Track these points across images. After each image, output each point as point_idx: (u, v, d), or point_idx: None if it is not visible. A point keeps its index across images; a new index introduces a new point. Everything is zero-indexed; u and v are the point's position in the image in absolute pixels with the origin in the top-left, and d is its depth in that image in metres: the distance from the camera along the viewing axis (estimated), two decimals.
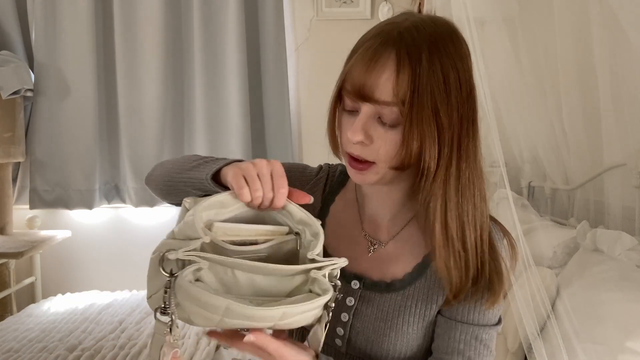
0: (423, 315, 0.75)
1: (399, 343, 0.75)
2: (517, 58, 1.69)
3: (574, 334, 1.04)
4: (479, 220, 0.70)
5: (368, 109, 0.66)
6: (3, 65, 2.18)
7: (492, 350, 0.75)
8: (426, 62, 0.63)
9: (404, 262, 0.78)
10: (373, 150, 0.68)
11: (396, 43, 0.64)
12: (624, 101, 1.38)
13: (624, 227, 1.38)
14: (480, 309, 0.74)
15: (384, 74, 0.64)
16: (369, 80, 0.64)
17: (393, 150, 0.66)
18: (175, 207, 0.69)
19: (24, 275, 2.45)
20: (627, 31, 1.11)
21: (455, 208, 0.68)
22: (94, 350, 1.61)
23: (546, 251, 1.40)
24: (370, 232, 0.82)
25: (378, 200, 0.80)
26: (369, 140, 0.67)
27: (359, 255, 0.80)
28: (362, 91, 0.65)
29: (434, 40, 0.64)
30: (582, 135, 1.60)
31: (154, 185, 0.84)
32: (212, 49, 2.41)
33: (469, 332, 0.73)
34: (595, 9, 1.38)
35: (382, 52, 0.64)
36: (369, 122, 0.67)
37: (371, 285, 0.78)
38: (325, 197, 0.86)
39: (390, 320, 0.75)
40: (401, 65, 0.63)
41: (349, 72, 0.67)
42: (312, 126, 2.56)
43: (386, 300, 0.76)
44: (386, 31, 0.66)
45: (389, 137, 0.66)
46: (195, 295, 0.56)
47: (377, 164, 0.69)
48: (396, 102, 0.64)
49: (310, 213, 0.72)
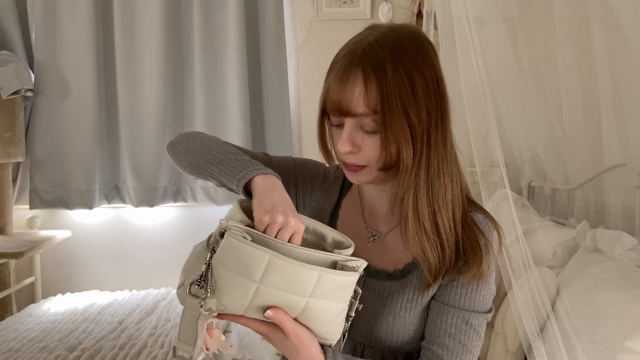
0: (419, 301, 0.81)
1: (396, 327, 0.81)
2: (517, 58, 1.69)
3: (574, 334, 1.04)
4: (452, 204, 0.77)
5: (349, 122, 0.74)
6: (3, 65, 2.17)
7: (481, 335, 0.80)
8: (391, 71, 0.70)
9: (402, 255, 0.84)
10: (362, 156, 0.75)
11: (361, 60, 0.71)
12: (624, 101, 1.38)
13: (624, 227, 1.38)
14: (471, 295, 0.79)
15: (355, 90, 0.71)
16: (344, 97, 0.72)
17: (377, 153, 0.74)
18: (175, 208, 0.69)
19: (24, 275, 2.45)
20: (627, 31, 1.11)
21: (425, 197, 0.75)
22: (94, 350, 1.61)
23: (546, 251, 1.40)
24: (370, 224, 0.88)
25: (375, 196, 0.87)
26: (357, 148, 0.75)
27: (359, 245, 0.85)
28: (340, 108, 0.73)
29: (395, 50, 0.71)
30: (582, 135, 1.60)
31: (176, 159, 0.88)
32: (212, 49, 2.41)
33: (459, 317, 0.78)
34: (595, 9, 1.38)
35: (350, 70, 0.72)
36: (354, 133, 0.74)
37: (374, 273, 0.84)
38: (340, 194, 0.95)
39: (389, 306, 0.81)
40: (368, 79, 0.70)
41: (326, 92, 0.76)
42: (312, 126, 2.52)
43: (386, 287, 0.83)
44: (352, 50, 0.74)
45: (372, 143, 0.74)
46: (239, 248, 0.61)
47: (368, 167, 0.76)
48: (369, 113, 0.71)
49: (328, 209, 0.89)
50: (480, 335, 0.80)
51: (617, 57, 1.38)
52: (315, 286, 0.63)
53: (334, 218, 0.92)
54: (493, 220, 0.82)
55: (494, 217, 0.83)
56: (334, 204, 0.93)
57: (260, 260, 0.61)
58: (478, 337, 0.79)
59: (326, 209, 0.93)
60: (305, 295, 0.64)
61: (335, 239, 0.75)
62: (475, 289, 0.79)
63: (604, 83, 1.42)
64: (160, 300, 2.10)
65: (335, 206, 0.93)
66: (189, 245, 0.74)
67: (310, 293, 0.64)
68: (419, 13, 2.33)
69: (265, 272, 0.61)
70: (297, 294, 0.63)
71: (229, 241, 0.62)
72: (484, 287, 0.79)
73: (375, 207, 0.88)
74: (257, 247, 0.61)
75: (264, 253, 0.61)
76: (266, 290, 0.62)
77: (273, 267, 0.61)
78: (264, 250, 0.61)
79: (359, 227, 0.89)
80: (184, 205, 2.56)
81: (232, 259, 0.62)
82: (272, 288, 0.62)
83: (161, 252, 2.52)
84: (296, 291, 0.63)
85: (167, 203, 2.52)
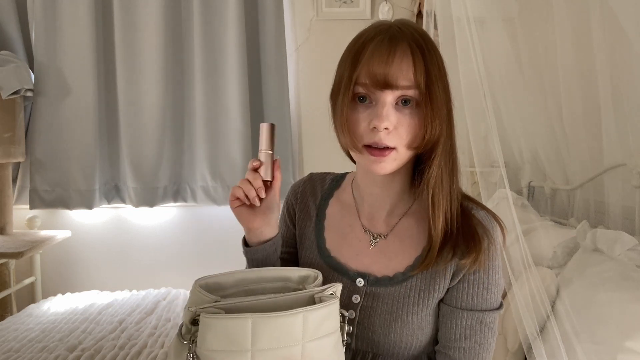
0: (425, 304, 0.79)
1: (404, 333, 0.79)
2: (517, 58, 1.69)
3: (574, 334, 1.04)
4: (457, 189, 0.79)
5: (390, 96, 0.73)
6: (3, 65, 2.17)
7: (495, 331, 0.81)
8: (428, 51, 0.73)
9: (405, 255, 0.82)
10: (396, 136, 0.74)
11: (405, 36, 0.73)
12: (624, 101, 1.38)
13: (624, 227, 1.38)
14: (483, 294, 0.78)
15: (403, 62, 0.71)
16: (390, 69, 0.71)
17: (414, 131, 0.74)
18: (175, 208, 0.68)
19: (24, 275, 2.46)
20: (627, 31, 1.11)
21: (448, 177, 0.77)
22: (94, 350, 1.61)
23: (546, 251, 1.40)
24: (369, 227, 0.86)
25: (377, 196, 0.85)
26: (392, 126, 0.73)
27: (361, 250, 0.85)
28: (385, 80, 0.71)
29: (423, 34, 0.75)
30: (582, 135, 1.60)
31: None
32: (212, 49, 2.41)
33: (474, 318, 0.78)
34: (595, 9, 1.38)
35: (397, 44, 0.72)
36: (391, 110, 0.73)
37: (375, 281, 0.82)
38: (319, 204, 0.93)
39: (395, 312, 0.79)
40: (415, 53, 0.72)
41: (364, 67, 0.73)
42: (312, 126, 2.55)
43: (390, 293, 0.81)
44: (386, 28, 0.74)
45: (410, 121, 0.74)
46: (219, 324, 0.61)
47: (397, 149, 0.75)
48: (414, 86, 0.72)
49: (307, 220, 0.85)
50: (495, 331, 0.80)
51: (617, 57, 1.38)
52: (303, 329, 0.63)
53: (321, 228, 0.91)
54: (495, 215, 0.82)
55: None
56: (314, 217, 0.92)
57: (244, 327, 0.60)
58: (492, 334, 0.80)
59: (311, 215, 0.92)
60: (298, 343, 0.63)
61: (300, 275, 0.74)
62: (485, 288, 0.78)
63: (604, 83, 1.42)
64: (160, 300, 2.10)
65: (316, 219, 0.92)
66: (189, 245, 0.74)
67: (302, 337, 0.63)
68: (419, 13, 2.34)
69: (254, 337, 0.60)
70: (290, 344, 0.62)
71: (207, 323, 0.61)
72: (494, 284, 0.79)
73: (375, 209, 0.86)
74: (236, 317, 0.61)
75: (244, 319, 0.60)
76: (261, 354, 0.61)
77: (259, 328, 0.60)
78: (244, 316, 0.61)
79: (357, 232, 0.87)
80: (184, 205, 2.56)
81: (216, 338, 0.61)
82: (266, 349, 0.61)
83: (161, 252, 2.52)
84: (288, 342, 0.62)
85: (167, 203, 2.51)
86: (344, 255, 0.86)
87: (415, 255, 0.81)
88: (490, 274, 0.79)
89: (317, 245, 0.88)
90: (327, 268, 0.86)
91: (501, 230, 0.82)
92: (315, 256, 0.88)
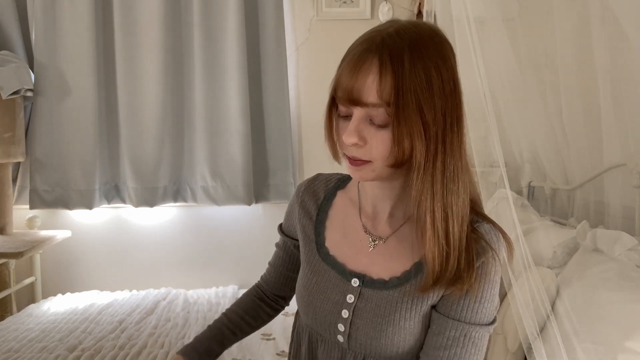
0: (418, 310, 0.78)
1: (396, 337, 0.78)
2: (517, 58, 1.69)
3: (574, 334, 1.04)
4: (462, 213, 0.74)
5: (359, 112, 0.70)
6: (3, 65, 2.18)
7: (481, 348, 0.77)
8: (408, 63, 0.67)
9: (403, 260, 0.81)
10: (367, 151, 0.72)
11: (379, 48, 0.68)
12: (624, 101, 1.38)
13: (624, 227, 1.38)
14: (475, 307, 0.76)
15: (368, 78, 0.68)
16: (355, 84, 0.69)
17: (386, 149, 0.71)
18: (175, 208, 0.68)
19: (24, 275, 2.46)
20: (627, 31, 1.11)
21: (440, 201, 0.72)
22: (94, 350, 1.61)
23: (546, 251, 1.40)
24: (370, 228, 0.86)
25: (378, 197, 0.84)
26: (363, 141, 0.71)
27: (360, 250, 0.85)
28: (350, 96, 0.70)
29: (415, 43, 0.69)
30: (582, 135, 1.60)
31: None
32: (212, 49, 2.41)
33: (459, 329, 0.76)
34: (595, 9, 1.38)
35: (366, 57, 0.69)
36: (362, 125, 0.71)
37: (370, 283, 0.82)
38: (321, 203, 0.93)
39: (388, 316, 0.79)
40: (384, 68, 0.67)
41: (338, 79, 0.72)
42: (312, 126, 2.56)
43: (384, 297, 0.80)
44: (370, 38, 0.71)
45: (381, 137, 0.70)
46: None
47: (373, 162, 0.73)
48: (382, 104, 0.68)
49: (307, 219, 0.81)
50: (480, 348, 0.77)
51: (617, 57, 1.38)
52: None
53: (323, 227, 0.91)
54: (501, 230, 0.79)
55: (499, 225, 0.80)
56: (314, 217, 0.92)
57: None
58: (477, 350, 0.76)
59: (312, 214, 0.92)
60: None
61: None
62: (478, 301, 0.76)
63: (604, 83, 1.42)
64: (160, 300, 2.10)
65: (317, 218, 0.92)
66: (189, 245, 0.74)
67: None
68: (419, 13, 2.34)
69: None
70: None
71: None
72: (487, 299, 0.76)
73: (377, 211, 0.86)
74: None
75: None
76: None
77: None
78: None
79: (358, 232, 0.87)
80: (184, 205, 2.56)
81: None
82: None
83: (161, 252, 2.52)
84: None
85: (167, 203, 2.52)
86: (343, 254, 0.86)
87: (412, 262, 0.80)
88: (485, 288, 0.76)
89: (316, 243, 0.90)
90: (324, 266, 0.87)
91: (508, 246, 0.78)
92: (313, 254, 0.89)
